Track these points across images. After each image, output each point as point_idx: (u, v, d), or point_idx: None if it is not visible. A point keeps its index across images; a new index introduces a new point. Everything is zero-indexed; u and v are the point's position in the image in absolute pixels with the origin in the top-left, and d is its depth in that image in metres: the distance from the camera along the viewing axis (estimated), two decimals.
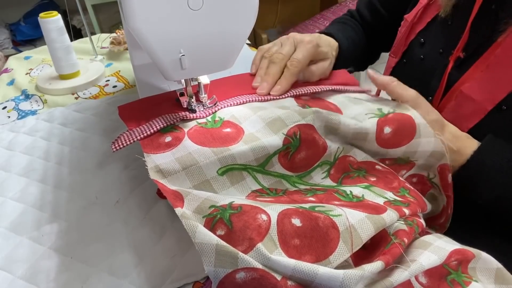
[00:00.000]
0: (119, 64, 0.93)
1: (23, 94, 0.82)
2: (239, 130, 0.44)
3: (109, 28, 2.29)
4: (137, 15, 0.39)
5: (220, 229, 0.33)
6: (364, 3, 0.77)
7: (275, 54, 0.53)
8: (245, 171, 0.41)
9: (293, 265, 0.31)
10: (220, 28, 0.43)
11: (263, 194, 0.41)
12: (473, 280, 0.35)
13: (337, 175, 0.46)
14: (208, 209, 0.35)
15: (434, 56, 0.55)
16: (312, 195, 0.41)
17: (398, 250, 0.34)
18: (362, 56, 0.76)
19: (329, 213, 0.35)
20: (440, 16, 0.54)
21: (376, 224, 0.35)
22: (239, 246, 0.32)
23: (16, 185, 0.55)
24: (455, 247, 0.36)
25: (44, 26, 0.76)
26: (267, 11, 2.34)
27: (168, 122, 0.45)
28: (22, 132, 0.68)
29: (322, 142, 0.44)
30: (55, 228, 0.48)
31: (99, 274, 0.42)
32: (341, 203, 0.39)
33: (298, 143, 0.43)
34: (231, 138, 0.42)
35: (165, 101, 0.50)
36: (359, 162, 0.46)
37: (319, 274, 0.30)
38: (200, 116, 0.49)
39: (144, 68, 0.63)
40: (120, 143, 0.43)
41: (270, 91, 0.51)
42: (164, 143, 0.43)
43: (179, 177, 0.40)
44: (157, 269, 0.42)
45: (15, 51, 2.27)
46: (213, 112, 0.48)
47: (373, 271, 0.32)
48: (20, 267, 0.43)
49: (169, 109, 0.48)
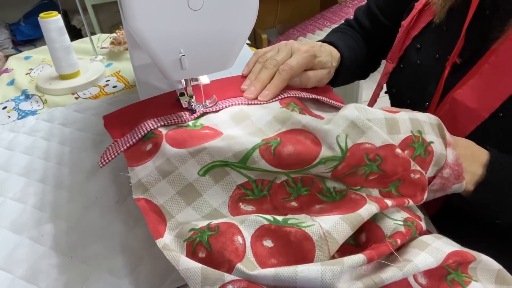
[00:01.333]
0: (119, 64, 0.93)
1: (23, 94, 0.82)
2: (218, 133, 0.43)
3: (109, 28, 2.30)
4: (137, 15, 0.39)
5: (200, 252, 0.35)
6: (363, 11, 0.76)
7: (269, 60, 0.52)
8: (227, 167, 0.40)
9: (273, 273, 0.32)
10: (220, 28, 0.43)
11: (248, 190, 0.40)
12: (473, 280, 0.35)
13: (344, 170, 0.40)
14: (188, 232, 0.37)
15: (430, 61, 0.55)
16: (296, 197, 0.41)
17: (387, 248, 0.34)
18: (363, 64, 0.76)
19: (301, 225, 0.36)
20: (435, 22, 0.54)
21: (352, 223, 0.36)
22: (221, 268, 0.33)
23: (16, 185, 0.55)
24: (454, 249, 0.36)
25: (44, 26, 0.76)
26: (267, 11, 2.34)
27: (150, 127, 0.44)
28: (22, 132, 0.68)
29: (311, 139, 0.40)
30: (55, 228, 0.48)
31: (99, 274, 0.42)
32: (321, 207, 0.40)
33: (279, 140, 0.40)
34: (208, 136, 0.42)
35: (149, 107, 0.50)
36: (377, 148, 0.39)
37: (298, 277, 0.31)
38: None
39: (144, 68, 0.63)
40: (106, 158, 0.43)
41: (257, 96, 0.50)
42: (146, 152, 0.43)
43: (162, 187, 0.41)
44: (157, 269, 0.42)
45: (15, 51, 2.27)
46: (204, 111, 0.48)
47: (353, 265, 0.32)
48: (20, 267, 0.43)
49: (153, 114, 0.47)
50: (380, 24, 0.73)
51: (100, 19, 2.17)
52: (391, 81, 0.63)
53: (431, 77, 0.54)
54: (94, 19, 1.91)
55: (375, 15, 0.73)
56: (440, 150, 0.41)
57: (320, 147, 0.39)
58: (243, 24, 0.44)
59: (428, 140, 0.41)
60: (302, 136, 0.40)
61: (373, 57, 0.78)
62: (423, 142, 0.41)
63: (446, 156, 0.42)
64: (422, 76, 0.56)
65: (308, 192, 0.41)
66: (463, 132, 0.48)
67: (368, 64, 0.79)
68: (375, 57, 0.79)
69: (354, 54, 0.68)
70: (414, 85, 0.57)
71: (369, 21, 0.75)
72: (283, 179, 0.42)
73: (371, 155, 0.39)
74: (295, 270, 0.32)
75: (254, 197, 0.41)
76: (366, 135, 0.39)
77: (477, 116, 0.46)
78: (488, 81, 0.46)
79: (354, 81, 0.84)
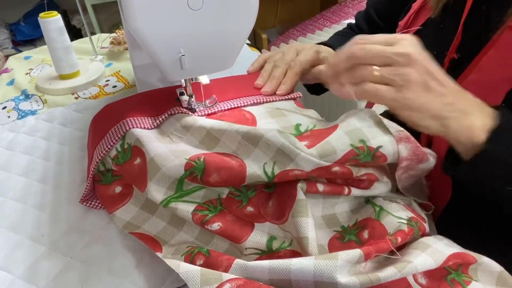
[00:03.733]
0: (119, 64, 0.93)
1: (23, 94, 0.82)
2: (144, 159, 0.43)
3: (109, 28, 2.29)
4: (137, 15, 0.39)
5: (199, 259, 0.37)
6: (362, 16, 0.80)
7: (279, 59, 0.58)
8: (170, 203, 0.41)
9: (268, 264, 0.33)
10: (220, 28, 0.43)
11: (204, 211, 0.41)
12: (473, 280, 0.35)
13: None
14: (185, 248, 0.39)
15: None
16: (247, 201, 0.42)
17: (386, 245, 0.35)
18: None
19: (284, 246, 0.39)
20: (432, 18, 0.54)
21: (300, 213, 0.38)
22: (220, 268, 0.35)
23: (16, 185, 0.55)
24: (455, 251, 0.36)
25: (44, 26, 0.76)
26: (267, 11, 2.33)
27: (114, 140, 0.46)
28: (22, 132, 0.68)
29: (238, 163, 0.40)
30: (55, 228, 0.48)
31: (99, 274, 0.42)
32: (271, 204, 0.42)
33: (203, 165, 0.39)
34: (142, 174, 0.42)
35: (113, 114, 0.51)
36: (309, 172, 0.39)
37: (292, 270, 0.32)
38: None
39: (144, 68, 0.63)
40: (84, 199, 0.48)
41: (274, 90, 0.55)
42: (116, 195, 0.46)
43: (153, 222, 0.44)
44: (157, 269, 0.42)
45: (15, 51, 2.27)
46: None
47: (349, 259, 0.33)
48: (20, 267, 0.43)
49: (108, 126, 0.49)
50: (378, 27, 0.74)
51: (100, 19, 2.17)
52: None
53: None
54: (94, 19, 1.91)
55: (372, 19, 0.75)
56: (393, 150, 0.39)
57: (246, 171, 0.39)
58: (243, 24, 0.44)
59: (375, 146, 0.39)
60: (228, 157, 0.41)
61: None
62: (369, 150, 0.39)
63: (398, 152, 0.39)
64: None
65: (255, 192, 0.43)
66: None
67: None
68: None
69: None
70: None
71: (367, 25, 0.77)
72: (226, 192, 0.43)
73: (301, 178, 0.40)
74: (289, 263, 0.33)
75: (214, 213, 0.41)
76: (295, 162, 0.38)
77: None
78: (489, 74, 0.45)
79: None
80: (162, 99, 0.52)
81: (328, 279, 0.32)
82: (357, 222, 0.41)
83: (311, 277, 0.32)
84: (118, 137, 0.45)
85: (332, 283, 0.32)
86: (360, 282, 0.32)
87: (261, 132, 0.40)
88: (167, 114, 0.48)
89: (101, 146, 0.46)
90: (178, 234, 0.43)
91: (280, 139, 0.39)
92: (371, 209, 0.41)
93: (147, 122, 0.47)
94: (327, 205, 0.43)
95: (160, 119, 0.48)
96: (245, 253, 0.38)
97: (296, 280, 0.33)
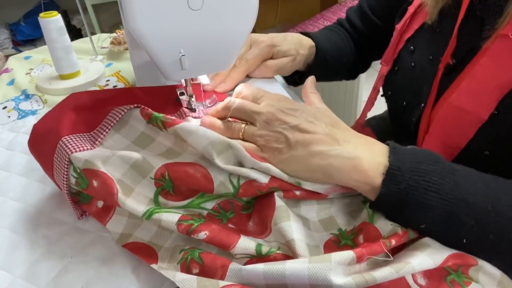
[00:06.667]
0: (119, 64, 0.93)
1: (23, 94, 0.82)
2: (107, 181, 0.41)
3: (109, 28, 2.30)
4: (137, 15, 0.39)
5: (194, 268, 0.36)
6: (355, 11, 0.78)
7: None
8: (153, 215, 0.40)
9: (262, 268, 0.33)
10: (220, 28, 0.43)
11: (188, 221, 0.39)
12: (473, 281, 0.35)
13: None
14: (179, 254, 0.38)
15: (424, 63, 0.55)
16: (227, 221, 0.42)
17: (379, 247, 0.34)
18: (349, 63, 0.77)
19: (274, 250, 0.38)
20: (428, 23, 0.54)
21: (282, 216, 0.39)
22: (215, 276, 0.35)
23: (16, 185, 0.55)
24: (454, 251, 0.36)
25: (44, 26, 0.76)
26: (267, 11, 2.33)
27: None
28: (22, 132, 0.68)
29: (203, 174, 0.40)
30: (55, 228, 0.48)
31: (99, 274, 0.42)
32: (251, 222, 0.42)
33: (171, 183, 0.41)
34: (109, 194, 0.40)
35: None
36: (267, 183, 0.40)
37: (287, 275, 0.32)
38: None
39: (144, 68, 0.63)
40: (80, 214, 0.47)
41: (215, 88, 0.59)
42: (101, 209, 0.45)
43: (145, 227, 0.43)
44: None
45: (15, 51, 2.27)
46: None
47: (341, 261, 0.33)
48: (20, 267, 0.43)
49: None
50: (370, 23, 0.74)
51: (100, 19, 2.17)
52: (387, 83, 0.64)
53: (425, 78, 0.54)
54: (94, 19, 1.91)
55: (366, 15, 0.74)
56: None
57: (213, 183, 0.40)
58: (243, 24, 0.44)
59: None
60: (192, 169, 0.41)
61: (363, 57, 0.79)
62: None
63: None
64: (417, 78, 0.56)
65: (234, 214, 0.43)
66: (467, 136, 0.47)
67: (356, 64, 0.80)
68: (365, 57, 0.80)
69: (336, 49, 0.70)
70: (409, 87, 0.58)
71: (360, 21, 0.76)
72: (205, 213, 0.43)
73: (263, 190, 0.41)
74: (283, 267, 0.33)
75: (199, 222, 0.39)
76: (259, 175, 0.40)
77: (477, 118, 0.45)
78: (482, 82, 0.45)
79: (341, 79, 0.85)
80: (121, 101, 0.49)
81: (323, 282, 0.32)
82: (354, 227, 0.41)
83: (306, 280, 0.32)
84: (65, 165, 0.42)
85: (327, 285, 0.32)
86: (356, 283, 0.32)
87: (228, 141, 0.41)
88: (107, 130, 0.46)
89: (57, 176, 0.44)
90: (171, 236, 0.42)
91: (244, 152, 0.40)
92: (366, 213, 0.41)
93: (85, 142, 0.44)
94: (322, 208, 0.43)
95: (101, 138, 0.45)
96: (236, 257, 0.38)
97: (292, 284, 0.33)
